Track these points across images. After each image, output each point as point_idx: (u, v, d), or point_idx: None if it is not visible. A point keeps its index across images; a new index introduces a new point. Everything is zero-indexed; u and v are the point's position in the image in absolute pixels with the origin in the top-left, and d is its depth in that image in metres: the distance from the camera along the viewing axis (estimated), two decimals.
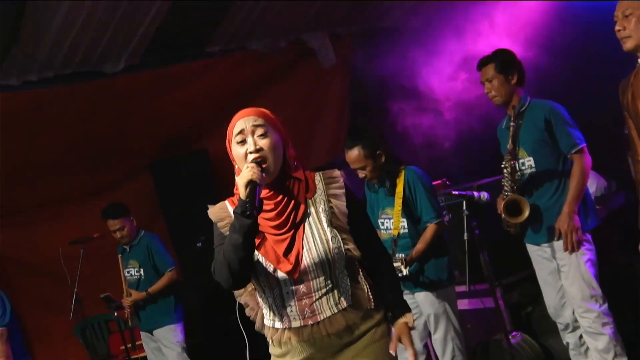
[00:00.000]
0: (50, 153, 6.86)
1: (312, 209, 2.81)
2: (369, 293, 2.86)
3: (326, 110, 8.11)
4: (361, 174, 4.70)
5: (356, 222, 2.85)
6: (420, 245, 4.60)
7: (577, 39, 6.31)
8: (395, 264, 4.48)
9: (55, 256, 6.34)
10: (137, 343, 6.64)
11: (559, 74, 6.30)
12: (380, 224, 4.82)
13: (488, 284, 4.64)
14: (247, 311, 2.95)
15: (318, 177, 2.87)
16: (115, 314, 6.17)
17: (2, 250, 7.35)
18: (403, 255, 4.54)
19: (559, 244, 4.48)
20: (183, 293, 6.57)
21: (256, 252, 2.75)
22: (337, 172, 2.91)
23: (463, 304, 5.34)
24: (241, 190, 2.64)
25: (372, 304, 2.85)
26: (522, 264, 5.03)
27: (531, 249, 4.71)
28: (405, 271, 4.46)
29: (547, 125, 4.44)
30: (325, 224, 2.78)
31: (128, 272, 6.36)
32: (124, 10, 5.87)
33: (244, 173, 2.66)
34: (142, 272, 6.29)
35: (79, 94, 6.62)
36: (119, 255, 6.39)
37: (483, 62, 4.66)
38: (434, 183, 5.25)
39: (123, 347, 6.53)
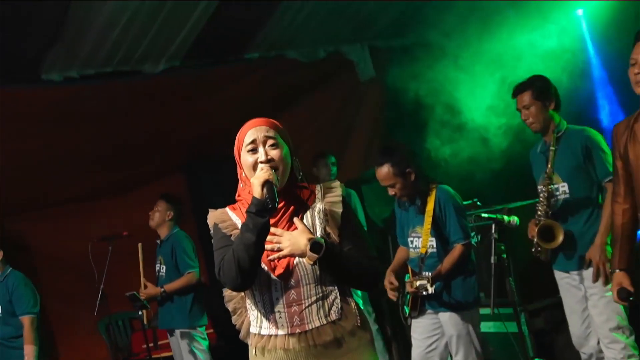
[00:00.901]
0: (85, 149, 6.91)
1: (309, 217, 2.85)
2: (357, 310, 2.87)
3: (360, 122, 8.10)
4: (391, 192, 4.69)
5: (346, 232, 2.85)
6: (446, 264, 4.58)
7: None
8: (421, 282, 4.49)
9: (83, 251, 6.36)
10: (159, 343, 6.66)
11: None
12: (409, 243, 4.81)
13: (513, 309, 4.61)
14: (234, 319, 2.98)
15: (318, 188, 2.94)
16: (140, 313, 6.19)
17: (31, 243, 7.44)
18: (429, 274, 4.52)
19: (588, 273, 4.44)
20: (209, 296, 6.57)
21: None
22: (336, 183, 2.96)
23: (487, 327, 5.31)
24: (257, 189, 2.70)
25: (359, 320, 2.86)
26: (549, 290, 5.00)
27: (559, 275, 4.67)
28: (430, 289, 4.45)
29: (585, 151, 4.43)
30: (319, 232, 2.82)
31: (157, 266, 6.42)
32: (167, 12, 5.92)
33: (259, 174, 2.74)
34: (164, 269, 6.33)
35: (118, 93, 6.68)
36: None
37: (519, 90, 4.64)
38: (465, 202, 5.24)
39: (145, 345, 6.55)
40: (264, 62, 7.24)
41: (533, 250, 4.62)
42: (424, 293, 4.50)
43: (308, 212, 2.86)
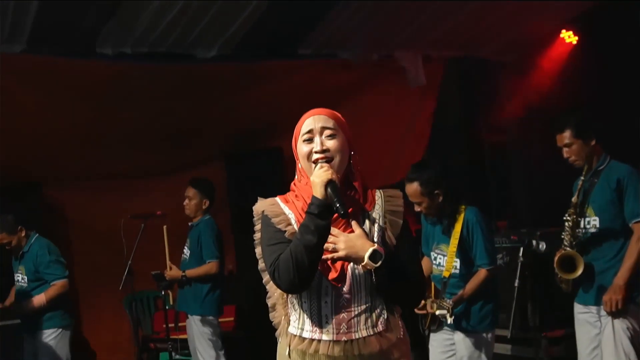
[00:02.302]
0: (130, 126, 7.03)
1: (368, 222, 2.75)
2: (400, 320, 2.80)
3: (406, 130, 8.07)
4: (417, 208, 4.71)
5: (402, 246, 2.77)
6: (469, 288, 4.57)
7: None
8: (440, 312, 4.49)
9: (117, 227, 6.41)
10: (180, 324, 6.70)
11: None
12: (432, 258, 4.81)
13: (532, 334, 4.56)
14: (272, 315, 2.87)
15: (378, 194, 2.84)
16: (163, 293, 6.24)
17: (68, 212, 7.57)
18: (451, 302, 4.50)
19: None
20: (233, 286, 6.59)
21: None
22: (398, 193, 2.87)
23: (504, 349, 5.28)
24: (318, 189, 2.59)
25: (402, 332, 2.79)
26: (573, 319, 4.91)
27: (577, 309, 4.62)
28: (450, 320, 4.44)
29: (618, 186, 4.36)
30: (375, 238, 2.73)
31: (184, 249, 6.47)
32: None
33: (320, 172, 2.63)
34: (188, 254, 6.37)
35: (168, 75, 6.76)
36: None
37: (558, 128, 4.56)
38: (499, 223, 5.20)
39: (165, 325, 6.60)
40: (316, 59, 7.24)
41: (556, 279, 4.57)
42: (442, 320, 4.53)
43: (367, 215, 2.76)
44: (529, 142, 7.48)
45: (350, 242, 2.65)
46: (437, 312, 4.50)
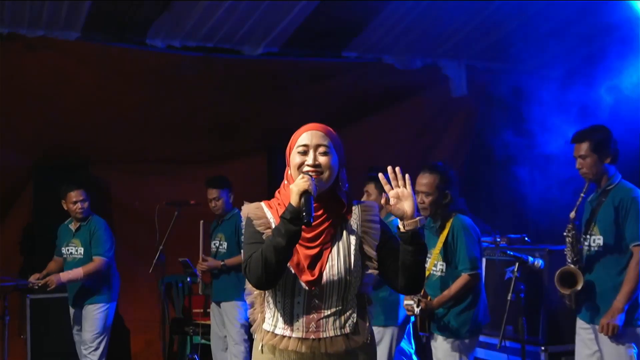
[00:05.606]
0: (177, 115, 7.30)
1: (345, 232, 2.92)
2: (370, 326, 2.96)
3: (447, 137, 8.13)
4: (419, 198, 4.71)
5: (388, 249, 2.92)
6: (445, 293, 4.66)
7: None
8: (407, 302, 4.66)
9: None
10: (209, 311, 6.92)
11: None
12: None
13: (521, 346, 4.70)
14: (250, 312, 3.05)
15: (356, 206, 2.99)
16: (189, 279, 6.44)
17: (113, 192, 7.87)
18: (420, 296, 4.62)
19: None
20: None
21: None
22: (373, 203, 3.03)
23: (497, 357, 5.40)
24: (294, 197, 2.76)
25: (369, 338, 2.94)
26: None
27: (580, 325, 4.66)
28: (417, 310, 4.57)
29: (622, 210, 4.40)
30: (352, 247, 2.89)
31: (214, 243, 6.70)
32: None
33: (299, 182, 2.79)
34: (225, 245, 6.60)
35: (215, 68, 7.01)
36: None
37: (578, 138, 4.61)
38: (513, 236, 5.27)
39: (195, 310, 6.84)
40: (361, 63, 7.38)
41: (560, 294, 4.64)
42: (415, 312, 4.64)
43: (345, 225, 2.93)
44: (562, 160, 7.44)
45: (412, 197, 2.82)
46: (405, 302, 4.69)
